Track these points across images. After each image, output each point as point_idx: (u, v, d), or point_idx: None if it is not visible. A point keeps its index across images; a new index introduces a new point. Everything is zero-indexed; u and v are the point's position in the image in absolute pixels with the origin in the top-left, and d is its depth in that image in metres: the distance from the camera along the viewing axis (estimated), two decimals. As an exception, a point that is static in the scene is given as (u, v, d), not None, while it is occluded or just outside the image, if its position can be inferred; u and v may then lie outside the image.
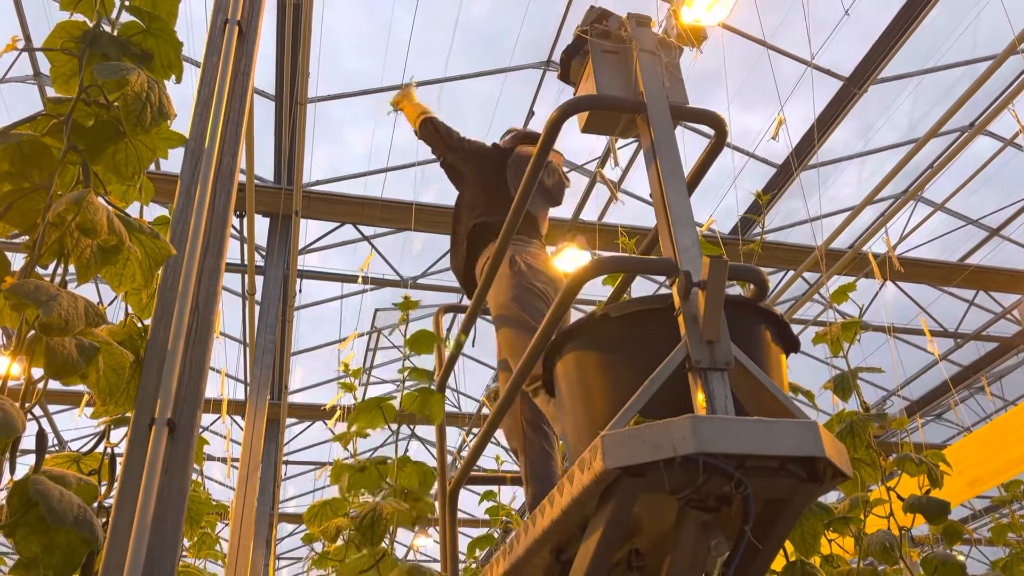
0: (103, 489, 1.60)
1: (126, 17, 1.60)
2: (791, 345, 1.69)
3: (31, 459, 1.27)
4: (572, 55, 1.99)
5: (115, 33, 1.52)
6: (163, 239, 1.46)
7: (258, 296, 7.30)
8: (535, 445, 2.81)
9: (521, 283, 2.81)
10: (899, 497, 2.77)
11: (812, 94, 6.56)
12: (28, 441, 1.26)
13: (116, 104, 1.39)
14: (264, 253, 7.73)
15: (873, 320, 8.94)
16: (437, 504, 2.78)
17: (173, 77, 1.61)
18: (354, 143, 9.34)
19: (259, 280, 7.41)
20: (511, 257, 2.88)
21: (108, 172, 1.44)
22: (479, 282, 2.62)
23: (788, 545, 2.48)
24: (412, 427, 13.55)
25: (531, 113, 8.02)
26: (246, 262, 7.02)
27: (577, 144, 9.14)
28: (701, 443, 1.24)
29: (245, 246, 7.71)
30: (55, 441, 11.38)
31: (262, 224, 7.69)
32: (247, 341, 8.22)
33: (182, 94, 1.79)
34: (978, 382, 11.37)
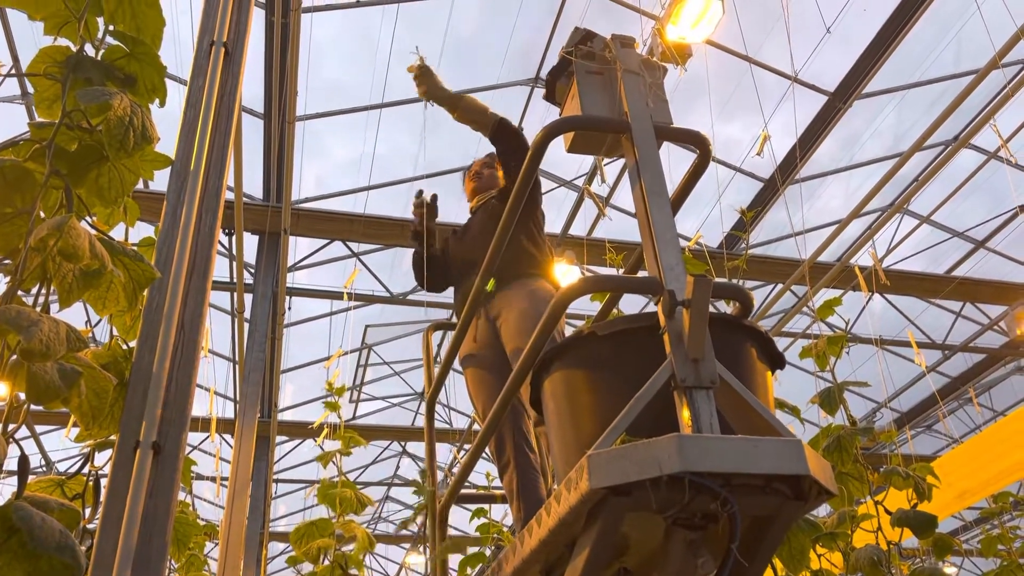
0: (87, 513, 1.59)
1: (111, 41, 1.60)
2: (776, 362, 1.70)
3: (15, 479, 1.26)
4: (557, 76, 2.00)
5: (99, 57, 1.52)
6: (147, 262, 1.46)
7: (247, 314, 7.28)
8: (524, 460, 2.81)
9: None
10: (887, 511, 2.78)
11: (795, 111, 6.61)
12: (12, 462, 1.26)
13: (99, 128, 1.39)
14: (253, 271, 7.71)
15: (861, 332, 8.99)
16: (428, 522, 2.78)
17: (157, 100, 1.61)
18: (339, 155, 9.35)
19: (248, 298, 7.38)
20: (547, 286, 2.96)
21: (91, 196, 1.44)
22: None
23: (776, 561, 2.48)
24: (403, 443, 13.51)
25: (520, 129, 8.05)
26: (235, 280, 7.00)
27: (565, 160, 9.18)
28: (686, 462, 1.24)
29: (234, 264, 7.69)
30: (42, 462, 11.28)
31: (251, 241, 7.68)
32: (236, 359, 8.19)
33: (170, 112, 1.80)
34: (966, 393, 11.42)
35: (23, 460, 1.22)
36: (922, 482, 2.83)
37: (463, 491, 2.83)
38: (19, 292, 1.23)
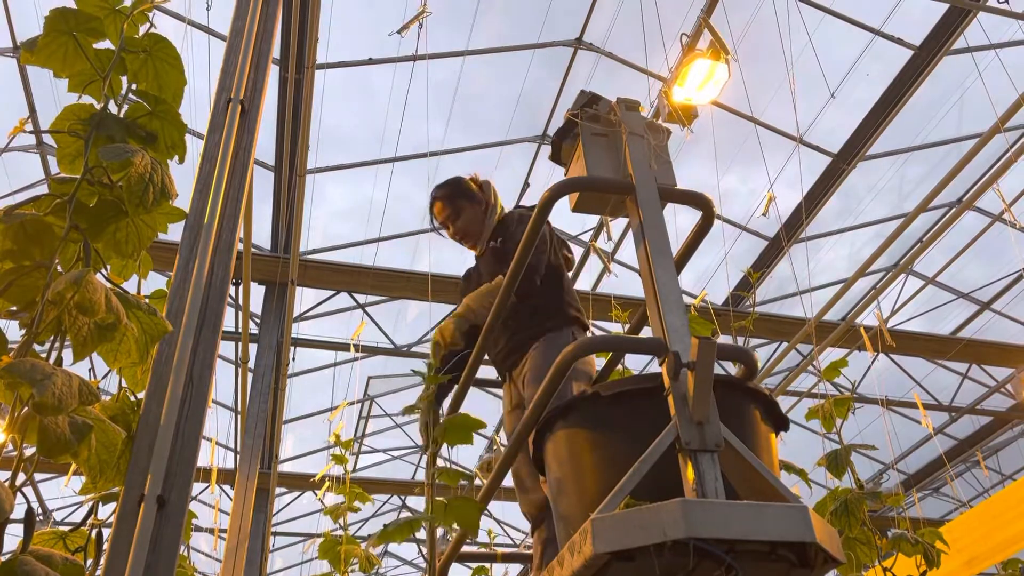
0: (88, 565, 1.58)
1: (132, 98, 1.65)
2: (781, 424, 1.70)
3: (13, 527, 1.26)
4: (563, 137, 2.04)
5: (122, 114, 1.56)
6: (160, 315, 1.48)
7: (251, 364, 7.28)
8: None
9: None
10: (895, 578, 2.74)
11: (800, 174, 6.68)
12: (17, 509, 1.26)
13: (119, 184, 1.42)
14: (259, 321, 7.73)
15: (867, 393, 8.93)
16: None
17: (176, 157, 1.65)
18: (338, 202, 9.43)
19: (253, 348, 7.39)
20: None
21: (108, 249, 1.47)
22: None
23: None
24: (403, 497, 13.36)
25: (526, 185, 8.16)
26: (240, 329, 7.02)
27: (571, 216, 9.24)
28: (691, 527, 1.24)
29: (240, 314, 7.72)
30: (39, 511, 11.17)
31: (257, 291, 7.73)
32: (239, 409, 8.16)
33: (184, 164, 1.83)
34: (974, 456, 11.30)
35: (29, 513, 1.22)
36: (931, 548, 2.79)
37: (463, 549, 2.80)
38: (33, 345, 1.25)
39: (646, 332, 1.97)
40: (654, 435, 1.42)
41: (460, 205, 2.97)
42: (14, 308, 1.36)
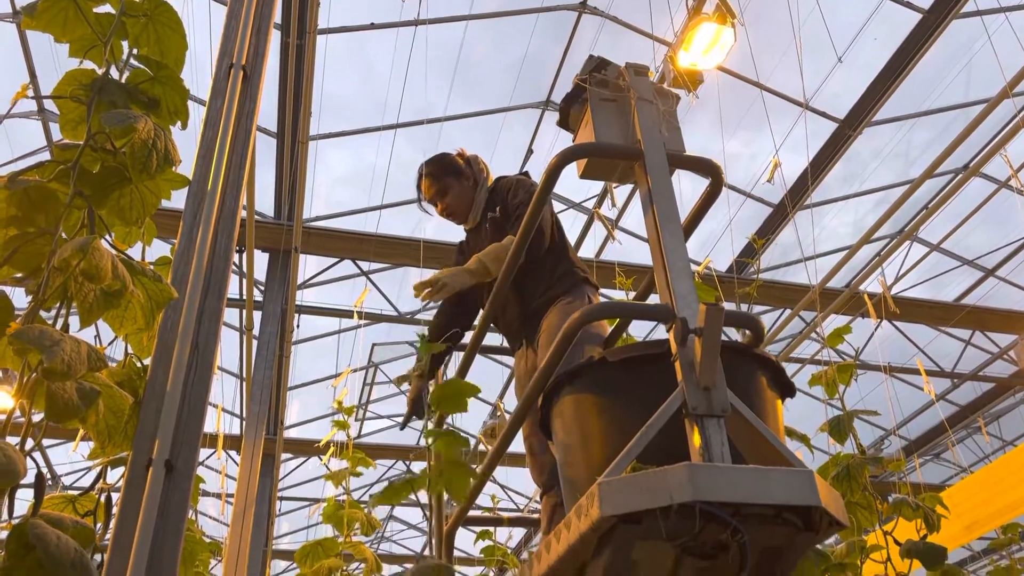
0: (99, 529, 1.60)
1: (134, 64, 1.63)
2: (787, 391, 1.70)
3: (24, 492, 1.27)
4: (571, 103, 2.02)
5: (123, 80, 1.55)
6: (165, 282, 1.47)
7: (256, 331, 7.30)
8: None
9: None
10: (896, 542, 2.76)
11: (806, 140, 6.62)
12: (28, 475, 1.27)
13: (123, 150, 1.41)
14: (263, 288, 7.74)
15: (870, 359, 8.95)
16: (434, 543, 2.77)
17: (179, 123, 1.64)
18: (339, 167, 9.38)
19: (257, 315, 7.40)
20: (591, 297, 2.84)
21: (112, 216, 1.46)
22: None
23: (785, 590, 2.46)
24: (408, 463, 13.46)
25: (530, 151, 8.11)
26: (244, 297, 7.04)
27: (574, 182, 9.20)
28: (697, 491, 1.25)
29: (244, 281, 7.73)
30: (48, 475, 11.28)
31: (261, 259, 7.72)
32: (244, 375, 8.21)
33: (186, 131, 1.82)
34: (975, 422, 11.35)
35: (39, 478, 1.23)
36: (931, 513, 2.81)
37: (469, 514, 2.82)
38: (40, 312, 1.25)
39: (653, 299, 1.96)
40: (661, 401, 1.43)
41: (448, 182, 2.99)
42: (19, 275, 1.36)
